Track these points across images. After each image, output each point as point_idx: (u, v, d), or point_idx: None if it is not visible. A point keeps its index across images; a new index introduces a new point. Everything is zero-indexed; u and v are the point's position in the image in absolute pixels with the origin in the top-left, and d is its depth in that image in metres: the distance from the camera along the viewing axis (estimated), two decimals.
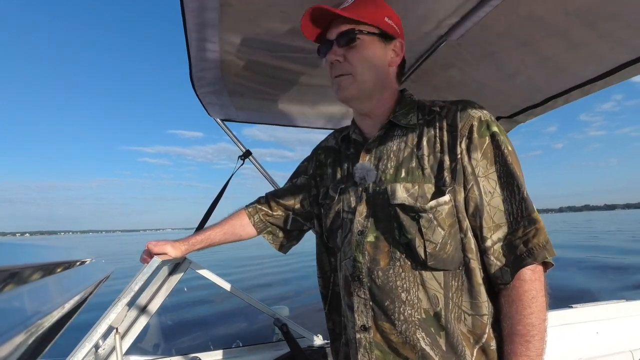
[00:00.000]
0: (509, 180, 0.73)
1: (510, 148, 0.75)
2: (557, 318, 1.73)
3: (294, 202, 1.06)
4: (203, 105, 1.50)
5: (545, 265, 0.71)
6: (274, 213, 1.08)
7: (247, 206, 1.12)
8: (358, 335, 0.79)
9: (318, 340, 1.54)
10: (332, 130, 1.10)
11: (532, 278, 0.69)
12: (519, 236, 0.70)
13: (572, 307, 1.82)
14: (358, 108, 0.90)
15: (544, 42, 1.09)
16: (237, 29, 1.03)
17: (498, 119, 1.67)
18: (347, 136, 0.96)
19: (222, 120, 1.64)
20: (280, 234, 1.09)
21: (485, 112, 0.78)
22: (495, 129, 0.76)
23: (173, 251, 1.01)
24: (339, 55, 0.82)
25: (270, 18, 0.99)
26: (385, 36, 0.84)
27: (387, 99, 0.88)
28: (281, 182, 1.75)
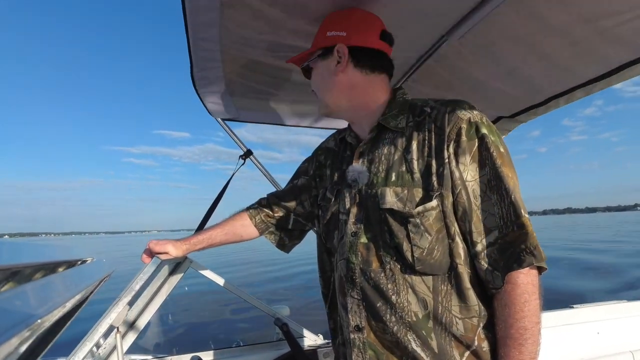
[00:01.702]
0: (498, 184, 0.71)
1: (501, 150, 0.73)
2: (558, 318, 1.73)
3: (294, 203, 1.07)
4: (204, 104, 1.50)
5: (540, 268, 0.70)
6: (275, 214, 1.09)
7: (248, 207, 1.12)
8: (352, 336, 0.80)
9: (319, 340, 1.54)
10: (329, 130, 1.11)
11: (524, 282, 0.68)
12: (508, 241, 0.69)
13: (573, 307, 1.82)
14: (342, 119, 0.95)
15: (546, 41, 1.09)
16: (238, 28, 1.03)
17: (499, 118, 1.66)
18: (343, 138, 0.98)
19: (223, 119, 1.64)
20: (282, 234, 1.10)
21: (475, 113, 0.76)
22: (484, 130, 0.74)
23: (174, 250, 1.01)
24: (312, 86, 0.95)
25: (271, 18, 0.99)
26: (326, 51, 0.88)
27: (368, 101, 0.88)
28: (282, 182, 1.75)
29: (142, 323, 1.33)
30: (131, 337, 1.31)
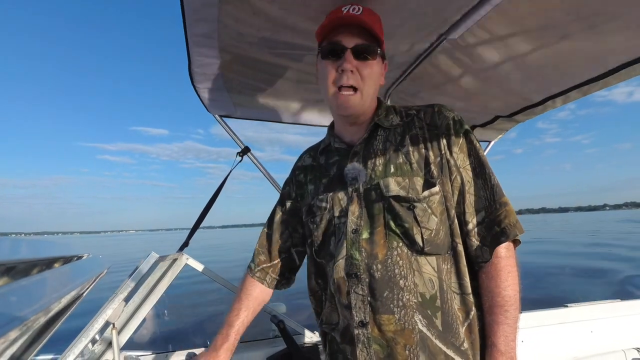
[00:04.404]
0: (482, 170, 0.83)
1: (479, 144, 0.86)
2: (552, 317, 1.75)
3: (288, 234, 1.05)
4: (201, 100, 1.50)
5: (515, 243, 0.81)
6: (278, 260, 1.06)
7: (250, 270, 1.08)
8: (356, 331, 0.81)
9: (315, 337, 1.54)
10: (320, 128, 1.10)
11: (507, 255, 0.79)
12: (493, 218, 0.80)
13: (567, 306, 1.84)
14: (351, 120, 0.93)
15: (544, 41, 1.09)
16: (236, 25, 1.03)
17: (497, 118, 1.67)
18: (325, 148, 1.00)
19: (221, 116, 1.64)
20: (293, 275, 1.10)
21: (456, 113, 0.88)
22: (466, 126, 0.87)
23: None
24: (353, 66, 0.84)
25: (270, 15, 0.98)
26: (383, 56, 0.92)
27: (373, 106, 0.94)
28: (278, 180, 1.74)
29: (138, 319, 1.33)
30: (127, 333, 1.31)
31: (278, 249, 1.06)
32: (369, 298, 0.80)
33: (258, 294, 1.06)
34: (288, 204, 1.06)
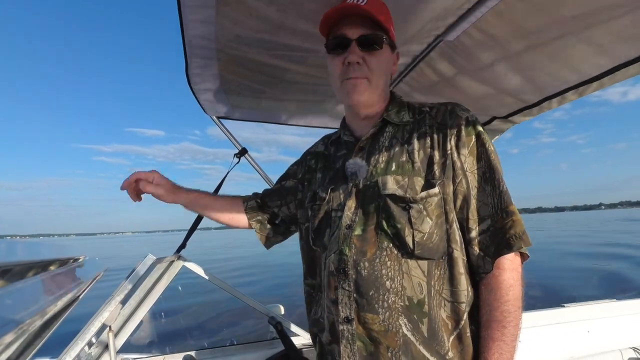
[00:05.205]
0: (491, 176, 0.78)
1: (492, 147, 0.81)
2: (549, 317, 1.76)
3: (280, 203, 1.10)
4: (199, 102, 1.50)
5: (522, 256, 0.77)
6: (265, 207, 1.13)
7: (243, 197, 1.17)
8: (341, 327, 0.80)
9: None
10: (326, 129, 1.10)
11: (510, 268, 0.74)
12: (499, 227, 0.75)
13: (564, 306, 1.85)
14: (362, 112, 0.91)
15: (539, 42, 1.10)
16: (234, 26, 1.03)
17: (493, 119, 1.68)
18: (336, 139, 1.00)
19: (218, 118, 1.64)
20: (268, 226, 1.13)
21: (471, 113, 0.84)
22: (480, 128, 0.82)
23: (167, 196, 1.01)
24: (359, 57, 0.83)
25: (268, 16, 0.98)
26: (393, 45, 0.89)
27: (385, 98, 0.92)
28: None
29: (134, 322, 1.33)
30: (124, 336, 1.30)
31: (269, 203, 1.12)
32: (354, 295, 0.79)
33: (237, 207, 1.13)
34: (290, 182, 1.10)
